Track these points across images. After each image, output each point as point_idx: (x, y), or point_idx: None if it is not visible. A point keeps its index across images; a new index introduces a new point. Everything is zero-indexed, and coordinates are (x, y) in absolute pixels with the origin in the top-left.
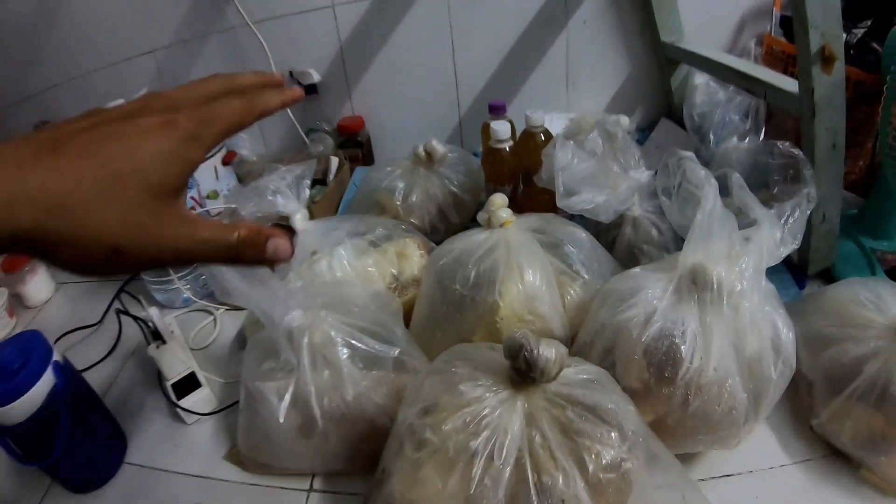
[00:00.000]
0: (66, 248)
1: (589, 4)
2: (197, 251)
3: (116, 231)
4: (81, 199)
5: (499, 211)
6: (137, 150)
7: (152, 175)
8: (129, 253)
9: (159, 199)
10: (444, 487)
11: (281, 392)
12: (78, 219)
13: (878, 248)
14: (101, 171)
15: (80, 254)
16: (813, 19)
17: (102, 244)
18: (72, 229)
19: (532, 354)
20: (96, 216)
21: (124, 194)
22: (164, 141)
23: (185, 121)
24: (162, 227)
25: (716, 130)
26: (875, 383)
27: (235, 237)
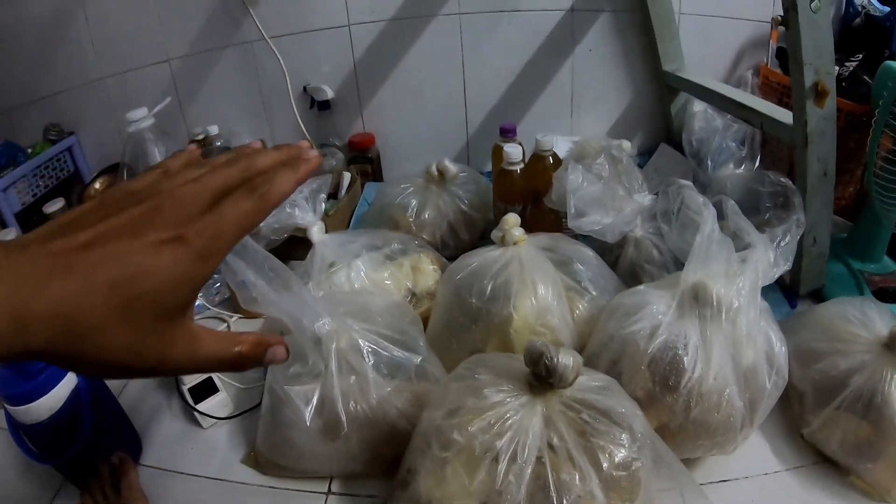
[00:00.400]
0: (79, 365)
1: (595, 33)
2: (200, 367)
3: (126, 352)
4: (93, 324)
5: (512, 230)
6: (147, 276)
7: (162, 299)
8: (138, 369)
9: (169, 321)
10: (470, 483)
11: (308, 396)
12: (89, 342)
13: (865, 270)
14: (112, 296)
15: (92, 369)
16: (807, 57)
17: (112, 364)
18: (83, 350)
19: (552, 361)
20: (107, 339)
21: (135, 319)
22: (174, 263)
23: (195, 238)
24: (169, 347)
25: (713, 156)
26: (861, 394)
27: (236, 352)
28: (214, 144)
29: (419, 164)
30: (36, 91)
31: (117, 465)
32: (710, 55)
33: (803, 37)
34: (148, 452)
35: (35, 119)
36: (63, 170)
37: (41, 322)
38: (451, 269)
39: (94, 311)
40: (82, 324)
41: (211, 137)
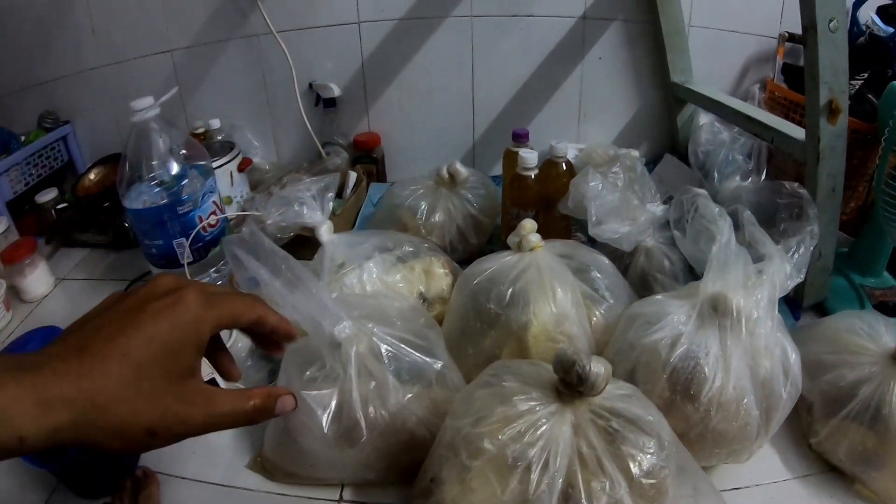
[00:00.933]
0: (105, 437)
1: (605, 42)
2: (219, 423)
3: (148, 416)
4: (112, 395)
5: (529, 235)
6: (152, 342)
7: (168, 363)
8: (162, 432)
9: (179, 382)
10: (502, 493)
11: (325, 401)
12: (112, 412)
13: (866, 284)
14: (124, 367)
15: (119, 439)
16: (823, 76)
17: (139, 428)
18: (108, 420)
19: (584, 370)
20: (128, 407)
21: (148, 385)
22: (175, 325)
23: (192, 296)
24: (187, 406)
25: (719, 168)
26: (869, 405)
27: (251, 406)
28: (216, 138)
29: (424, 166)
30: (32, 77)
31: (141, 478)
32: (718, 68)
33: (821, 55)
34: (148, 457)
35: (30, 106)
36: (57, 159)
37: (65, 404)
38: (466, 274)
39: (111, 383)
40: (102, 395)
41: (212, 131)
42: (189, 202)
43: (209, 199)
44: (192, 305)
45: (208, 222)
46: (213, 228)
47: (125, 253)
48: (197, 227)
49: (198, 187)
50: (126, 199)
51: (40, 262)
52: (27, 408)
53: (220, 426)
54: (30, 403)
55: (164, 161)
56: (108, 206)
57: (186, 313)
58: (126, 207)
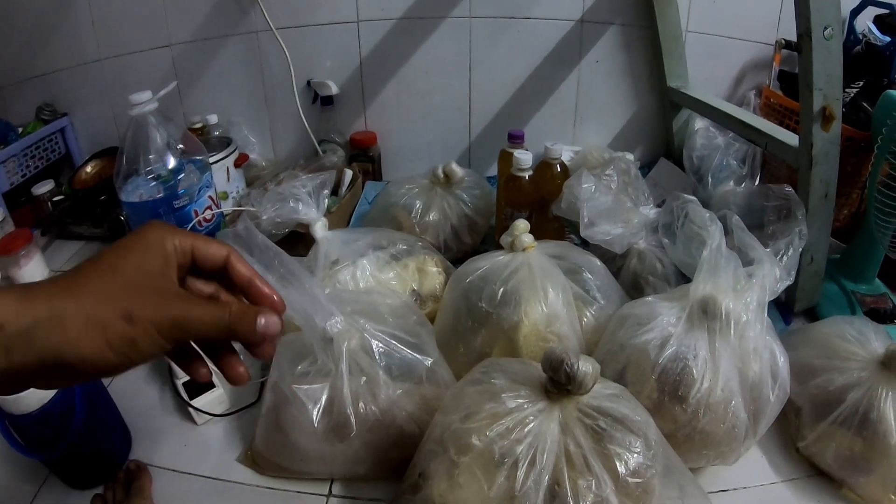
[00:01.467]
0: (81, 328)
1: (602, 45)
2: (195, 322)
3: (123, 300)
4: (87, 286)
5: (522, 236)
6: (124, 249)
7: (138, 261)
8: (139, 317)
9: (153, 278)
10: (489, 489)
11: (316, 396)
12: (88, 298)
13: (857, 291)
14: (100, 265)
15: (95, 327)
16: (817, 82)
17: (114, 312)
18: (84, 306)
19: (573, 368)
20: (103, 293)
21: (123, 276)
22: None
23: (157, 222)
24: (161, 296)
25: (714, 173)
26: (857, 410)
27: (228, 311)
28: (213, 134)
29: (420, 165)
30: (31, 69)
31: (133, 470)
32: (714, 73)
33: (815, 62)
34: (139, 448)
35: (28, 98)
36: (54, 151)
37: (45, 295)
38: (459, 273)
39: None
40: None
41: (210, 127)
42: (185, 196)
43: (205, 194)
44: (156, 223)
45: (204, 217)
46: (208, 223)
47: None
48: (192, 222)
49: (194, 182)
50: (123, 192)
51: (35, 254)
52: (10, 299)
53: (195, 325)
54: (13, 296)
55: (161, 155)
56: (104, 199)
57: (152, 228)
58: (122, 200)
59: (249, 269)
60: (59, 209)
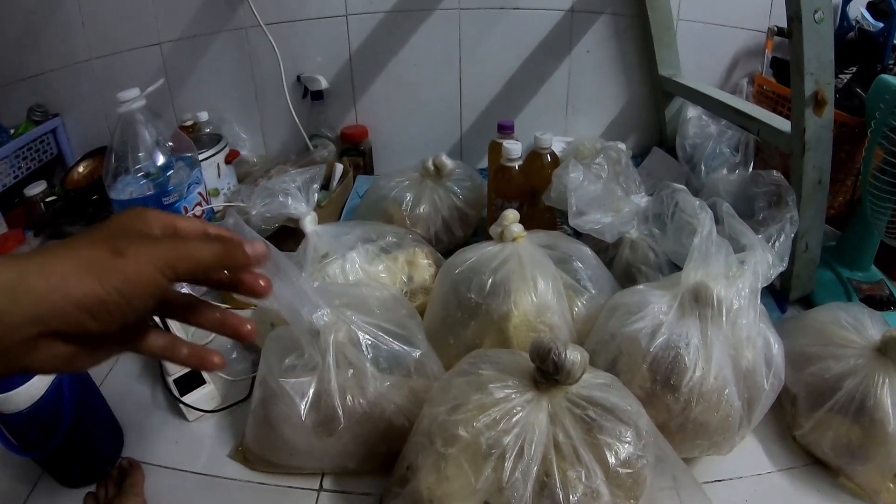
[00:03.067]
0: (71, 264)
1: (593, 35)
2: (190, 249)
3: (110, 241)
4: (74, 239)
5: (511, 226)
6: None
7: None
8: (128, 250)
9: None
10: (476, 481)
11: (303, 389)
12: (75, 241)
13: (853, 278)
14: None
15: (86, 264)
16: (809, 67)
17: (101, 247)
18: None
19: (560, 357)
20: (92, 236)
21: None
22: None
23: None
24: (154, 238)
25: (707, 161)
26: (853, 398)
27: (213, 230)
28: (204, 131)
29: (411, 159)
30: (22, 70)
31: (126, 467)
32: (706, 62)
33: (806, 47)
34: (131, 445)
35: (20, 99)
36: (46, 152)
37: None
38: (448, 264)
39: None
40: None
41: (200, 124)
42: (175, 193)
43: (195, 190)
44: (138, 208)
45: (193, 213)
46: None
47: None
48: None
49: (183, 178)
50: (112, 190)
51: None
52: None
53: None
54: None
55: (151, 152)
56: (96, 198)
57: (133, 209)
58: (112, 199)
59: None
60: (52, 210)
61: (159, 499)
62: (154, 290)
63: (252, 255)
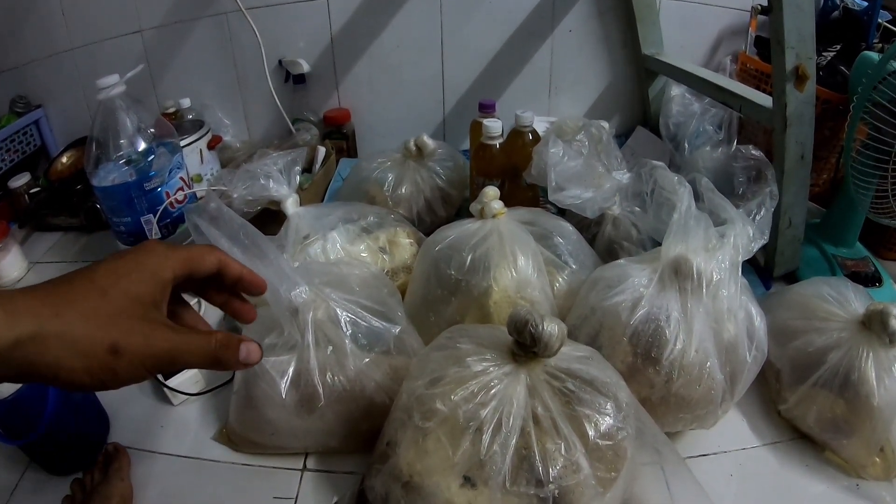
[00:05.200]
0: (68, 354)
1: (575, 14)
2: (183, 352)
3: (111, 331)
4: (76, 310)
5: (491, 202)
6: (117, 272)
7: (132, 292)
8: (124, 350)
9: (144, 307)
10: (454, 454)
11: (283, 367)
12: (75, 325)
13: (838, 255)
14: (90, 289)
15: (82, 356)
16: (789, 41)
17: (102, 343)
18: (70, 333)
19: (538, 329)
20: (92, 321)
21: (113, 306)
22: (138, 261)
23: (152, 242)
24: (149, 328)
25: (690, 139)
26: (837, 371)
27: (214, 340)
28: (186, 117)
29: (395, 141)
30: (2, 62)
31: (112, 452)
32: (690, 41)
33: (786, 20)
34: (116, 431)
35: (1, 91)
36: (29, 143)
37: (30, 312)
38: (428, 242)
39: (76, 299)
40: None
41: (183, 111)
42: (156, 178)
43: (176, 175)
44: (152, 248)
45: (175, 198)
46: (180, 204)
47: (97, 235)
48: (164, 203)
49: (165, 163)
50: (94, 177)
51: (13, 247)
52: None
53: (183, 355)
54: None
55: (132, 138)
56: (80, 188)
57: (148, 253)
58: (94, 186)
59: (238, 265)
60: (36, 201)
61: (145, 483)
62: (138, 381)
63: (244, 361)
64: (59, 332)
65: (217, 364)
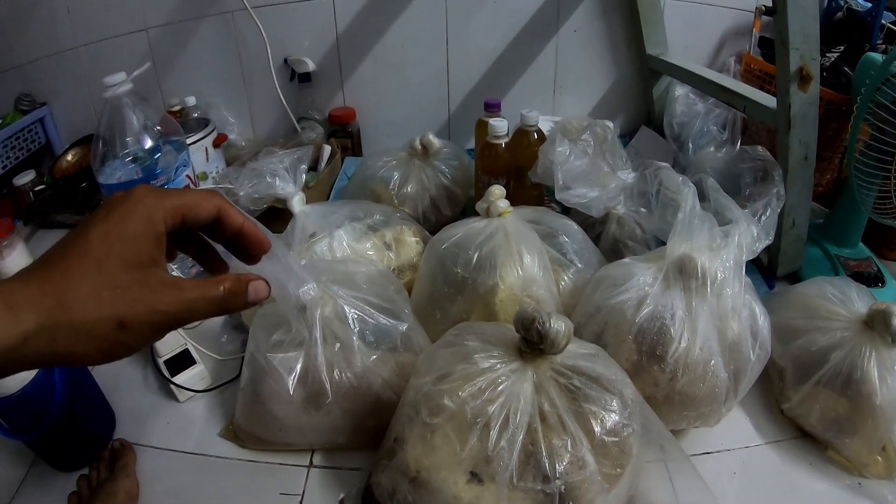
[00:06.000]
0: (76, 339)
1: (580, 14)
2: (190, 310)
3: (115, 307)
4: (77, 293)
5: (497, 201)
6: (107, 236)
7: (127, 255)
8: (131, 323)
9: (142, 271)
10: (462, 450)
11: (291, 364)
12: (78, 309)
13: (841, 255)
14: (85, 264)
15: (90, 338)
16: (793, 42)
17: (108, 322)
18: (75, 318)
19: (544, 326)
20: (94, 301)
21: (111, 278)
22: (126, 216)
23: (141, 190)
24: (153, 294)
25: (694, 139)
26: (840, 371)
27: (221, 290)
28: (192, 116)
29: (400, 140)
30: (8, 59)
31: (118, 449)
32: (694, 41)
33: (790, 21)
34: (122, 427)
35: (6, 88)
36: (34, 141)
37: (31, 305)
38: (434, 240)
39: (74, 279)
40: (68, 294)
41: (188, 109)
42: (163, 175)
43: (182, 173)
44: (141, 197)
45: None
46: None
47: None
48: None
49: (171, 161)
50: (101, 175)
51: (18, 244)
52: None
53: (191, 313)
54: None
55: (138, 136)
56: (85, 186)
57: (137, 204)
58: (101, 183)
59: (239, 214)
60: (41, 199)
61: (151, 479)
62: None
63: (253, 300)
64: (64, 322)
65: (226, 311)
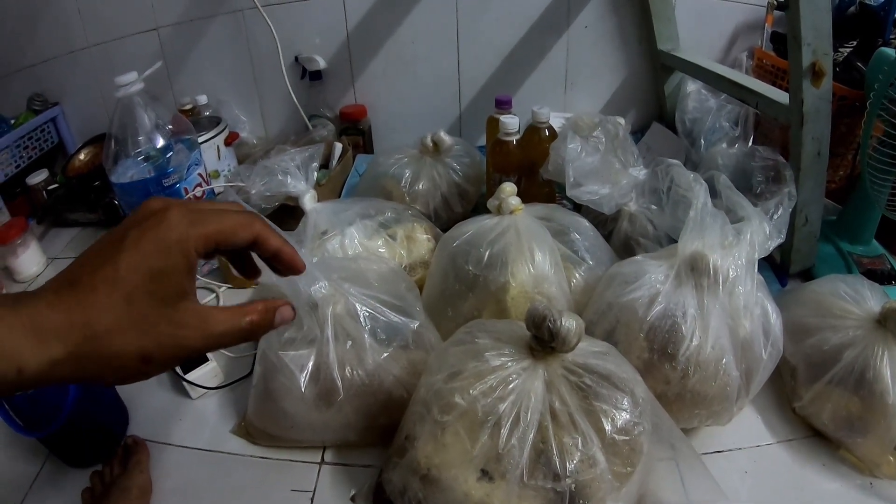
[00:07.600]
0: (101, 369)
1: (591, 10)
2: (216, 343)
3: (141, 343)
4: (103, 326)
5: (509, 198)
6: (138, 269)
7: (157, 288)
8: (157, 358)
9: (171, 306)
10: (472, 448)
11: (302, 362)
12: (105, 342)
13: (854, 252)
14: (113, 296)
15: (114, 369)
16: (806, 37)
17: (133, 356)
18: (101, 351)
19: (556, 324)
20: (120, 335)
21: (139, 312)
22: (159, 248)
23: (175, 216)
24: (180, 329)
25: (706, 136)
26: (853, 369)
27: (248, 322)
28: (203, 114)
29: (411, 137)
30: (20, 60)
31: (131, 445)
32: (706, 37)
33: (803, 17)
34: (135, 424)
35: (19, 89)
36: (47, 140)
37: (58, 336)
38: (446, 237)
39: (101, 310)
40: (94, 325)
41: (199, 107)
42: (175, 174)
43: (194, 172)
44: (175, 225)
45: (194, 194)
46: (198, 200)
47: None
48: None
49: (183, 160)
50: (113, 174)
51: (32, 242)
52: (24, 338)
53: (217, 346)
54: (26, 334)
55: (150, 135)
56: (98, 184)
57: (170, 234)
58: (113, 182)
59: (276, 239)
60: (54, 197)
61: (164, 476)
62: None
63: (279, 324)
64: (89, 353)
65: (252, 338)
